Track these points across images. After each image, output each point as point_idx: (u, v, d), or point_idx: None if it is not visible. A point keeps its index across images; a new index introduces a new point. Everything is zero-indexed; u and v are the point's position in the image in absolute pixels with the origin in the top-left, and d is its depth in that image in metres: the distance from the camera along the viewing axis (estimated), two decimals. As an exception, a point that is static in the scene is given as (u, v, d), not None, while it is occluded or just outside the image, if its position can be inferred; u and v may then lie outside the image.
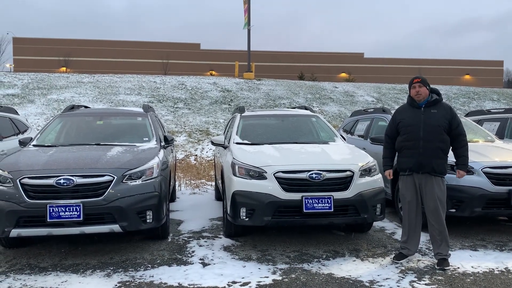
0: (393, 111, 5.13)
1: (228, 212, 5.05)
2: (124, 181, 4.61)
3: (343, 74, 53.50)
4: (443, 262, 4.38)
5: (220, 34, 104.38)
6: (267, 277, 4.16)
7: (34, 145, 5.61)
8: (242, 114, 6.85)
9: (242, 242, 5.29)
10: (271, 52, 57.47)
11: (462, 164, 4.50)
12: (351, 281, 4.05)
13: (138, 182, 4.70)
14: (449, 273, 4.25)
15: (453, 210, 5.30)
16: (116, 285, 3.99)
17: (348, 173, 4.85)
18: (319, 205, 4.65)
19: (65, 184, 4.39)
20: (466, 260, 4.60)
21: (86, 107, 7.46)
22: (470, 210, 5.26)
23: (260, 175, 4.87)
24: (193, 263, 4.55)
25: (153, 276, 4.19)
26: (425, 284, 3.98)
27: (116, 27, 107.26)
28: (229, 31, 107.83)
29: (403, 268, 4.40)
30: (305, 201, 4.64)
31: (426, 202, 4.45)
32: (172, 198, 7.69)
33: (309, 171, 4.76)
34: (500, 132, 7.84)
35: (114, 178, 4.54)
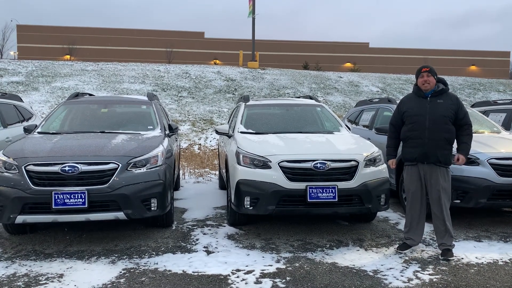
0: (398, 101, 5.09)
1: (232, 201, 5.06)
2: (129, 169, 4.62)
3: (348, 64, 53.23)
4: (447, 252, 4.38)
5: (224, 23, 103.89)
6: (271, 265, 4.18)
7: (39, 132, 5.62)
8: (247, 103, 6.83)
9: (246, 230, 5.30)
10: (276, 41, 57.19)
11: (463, 149, 4.44)
12: (354, 271, 4.06)
13: (143, 170, 4.71)
14: (453, 263, 4.26)
15: (458, 201, 5.28)
16: (120, 272, 4.02)
17: (352, 163, 4.83)
18: (324, 194, 4.64)
19: (70, 171, 4.40)
20: (470, 251, 4.60)
21: (90, 94, 7.45)
22: (475, 201, 5.25)
23: (264, 164, 4.86)
24: (197, 251, 4.58)
25: (157, 264, 4.21)
26: (429, 274, 3.98)
27: (121, 16, 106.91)
28: (233, 19, 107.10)
29: (407, 258, 4.41)
30: (309, 191, 4.63)
31: (431, 193, 4.43)
32: (176, 187, 7.72)
33: (313, 160, 4.75)
34: (506, 123, 7.78)
35: (119, 165, 4.55)
